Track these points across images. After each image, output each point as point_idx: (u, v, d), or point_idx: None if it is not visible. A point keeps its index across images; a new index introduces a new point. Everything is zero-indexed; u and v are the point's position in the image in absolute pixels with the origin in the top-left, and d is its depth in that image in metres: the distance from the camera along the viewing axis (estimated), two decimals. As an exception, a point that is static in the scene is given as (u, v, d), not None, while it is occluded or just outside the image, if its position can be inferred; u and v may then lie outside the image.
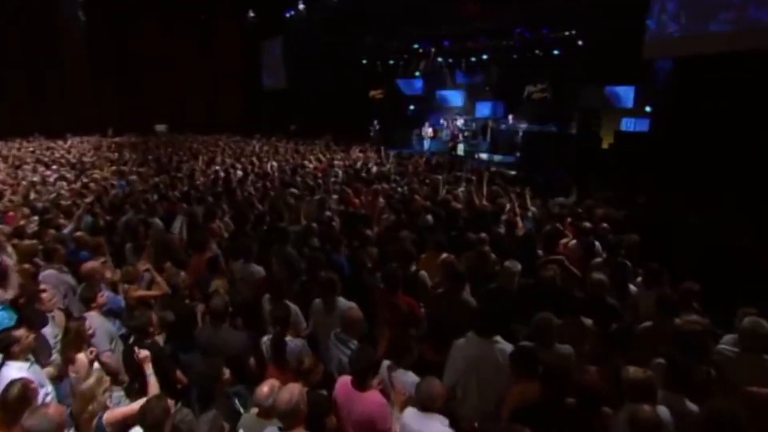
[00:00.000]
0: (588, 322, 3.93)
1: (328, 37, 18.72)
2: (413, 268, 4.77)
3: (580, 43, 15.17)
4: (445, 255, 5.21)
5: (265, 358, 3.48)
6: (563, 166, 12.33)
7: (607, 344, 3.43)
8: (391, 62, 20.70)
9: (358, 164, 11.51)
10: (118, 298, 4.29)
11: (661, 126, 11.64)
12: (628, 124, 14.43)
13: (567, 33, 15.42)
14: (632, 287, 4.70)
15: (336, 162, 11.76)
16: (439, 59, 19.75)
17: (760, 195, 8.17)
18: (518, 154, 15.83)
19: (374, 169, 10.92)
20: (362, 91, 20.95)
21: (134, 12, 22.81)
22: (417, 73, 20.51)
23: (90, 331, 3.23)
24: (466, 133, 17.22)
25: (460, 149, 16.86)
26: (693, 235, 6.64)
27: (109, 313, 4.06)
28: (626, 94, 14.78)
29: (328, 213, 6.96)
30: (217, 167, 11.09)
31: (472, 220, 6.40)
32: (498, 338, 3.35)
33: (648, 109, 13.48)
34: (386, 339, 3.56)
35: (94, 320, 3.58)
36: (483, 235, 5.57)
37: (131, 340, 3.52)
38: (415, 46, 19.17)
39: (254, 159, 12.11)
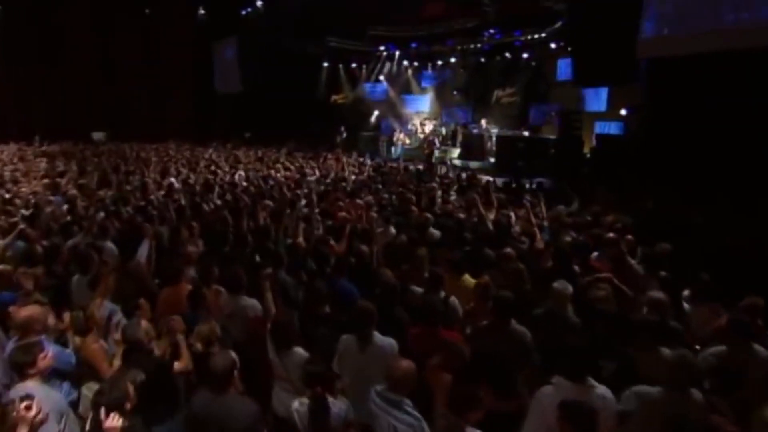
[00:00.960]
0: (667, 353, 3.37)
1: (288, 38, 17.83)
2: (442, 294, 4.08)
3: (552, 45, 15.19)
4: (466, 276, 4.60)
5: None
6: (544, 171, 12.19)
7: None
8: (354, 65, 20.12)
9: (333, 173, 10.70)
10: (66, 353, 3.25)
11: (640, 128, 11.64)
12: (602, 128, 14.53)
13: (538, 36, 15.42)
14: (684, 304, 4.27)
15: (307, 171, 10.90)
16: (405, 62, 19.41)
17: (754, 192, 8.12)
18: (492, 160, 15.63)
19: (352, 178, 10.17)
20: (324, 95, 20.28)
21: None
22: (381, 77, 20.08)
23: (39, 417, 2.27)
24: (437, 139, 16.78)
25: (436, 155, 16.42)
26: (708, 237, 6.39)
27: (55, 374, 3.03)
28: (598, 96, 14.88)
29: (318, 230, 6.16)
30: (172, 179, 9.93)
31: (484, 233, 5.78)
32: (592, 381, 2.72)
33: (623, 112, 13.55)
34: (443, 390, 2.83)
35: (37, 391, 2.58)
36: (508, 250, 4.97)
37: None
38: (381, 48, 18.58)
39: (215, 168, 11.02)
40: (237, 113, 20.36)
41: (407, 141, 18.15)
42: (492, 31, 15.64)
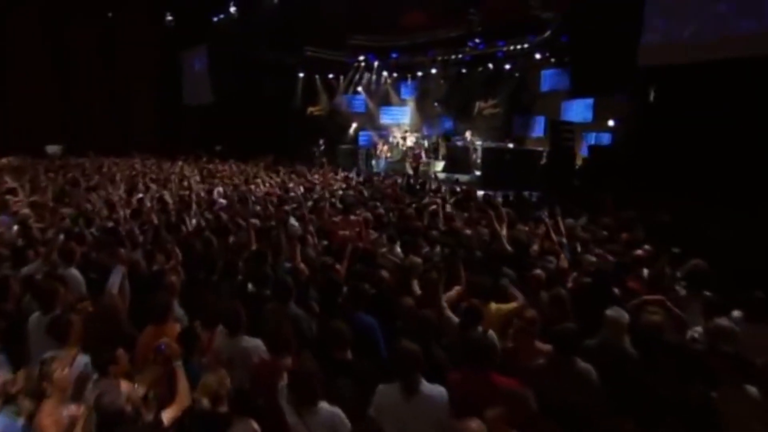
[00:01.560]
0: (753, 392, 2.95)
1: (262, 47, 17.23)
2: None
3: (537, 56, 15.15)
4: (493, 304, 4.10)
5: None
6: (534, 183, 11.95)
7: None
8: (331, 76, 19.69)
9: (318, 187, 10.11)
10: (15, 426, 2.53)
11: (632, 138, 11.56)
12: (589, 139, 14.50)
13: (521, 46, 15.37)
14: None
15: (291, 186, 10.27)
16: (384, 73, 19.10)
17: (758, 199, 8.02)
18: (477, 173, 15.35)
19: (339, 192, 9.60)
20: (300, 107, 19.68)
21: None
22: (359, 89, 19.70)
23: None
24: (423, 152, 16.44)
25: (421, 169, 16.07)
26: (735, 253, 6.13)
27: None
28: (584, 107, 14.89)
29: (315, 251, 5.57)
30: (141, 194, 9.11)
31: (500, 253, 5.31)
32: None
33: (611, 122, 13.54)
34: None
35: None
36: (538, 271, 4.51)
37: None
38: (361, 58, 18.20)
39: (187, 183, 10.24)
40: (207, 126, 19.49)
41: (389, 154, 17.74)
42: (477, 40, 15.46)
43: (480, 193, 10.30)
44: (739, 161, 8.89)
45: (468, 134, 16.36)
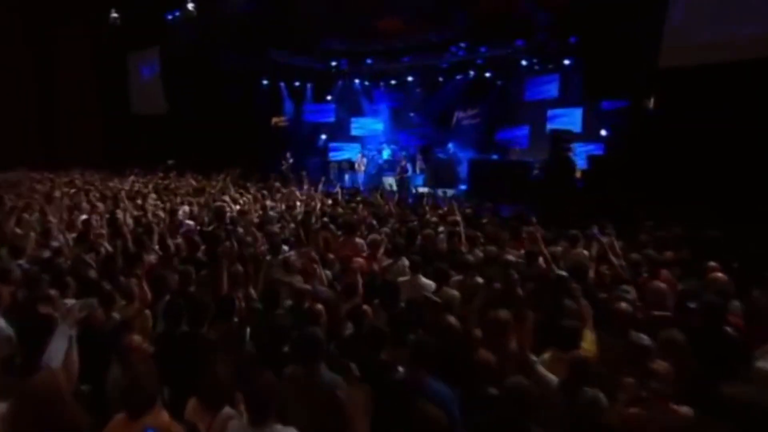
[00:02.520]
0: None
1: (223, 50, 15.95)
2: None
3: (523, 63, 14.76)
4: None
5: None
6: (528, 197, 11.39)
7: None
8: (298, 84, 18.68)
9: (300, 206, 8.97)
10: None
11: (631, 148, 11.18)
12: (578, 151, 14.12)
13: (505, 52, 14.94)
14: None
15: (269, 203, 9.12)
16: (356, 81, 18.31)
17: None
18: (463, 187, 14.76)
19: (328, 211, 8.53)
20: (263, 117, 18.41)
21: None
22: (329, 97, 18.80)
23: None
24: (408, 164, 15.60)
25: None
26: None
27: None
28: (572, 117, 14.55)
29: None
30: (85, 216, 7.68)
31: (559, 283, 4.41)
32: None
33: (603, 132, 13.21)
34: None
35: None
36: (623, 305, 3.64)
37: None
38: (333, 63, 17.31)
39: (143, 202, 8.86)
40: (159, 138, 17.87)
41: (363, 168, 16.79)
42: (462, 45, 14.90)
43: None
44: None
45: (450, 146, 15.72)
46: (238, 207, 9.41)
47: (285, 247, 5.72)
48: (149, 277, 4.27)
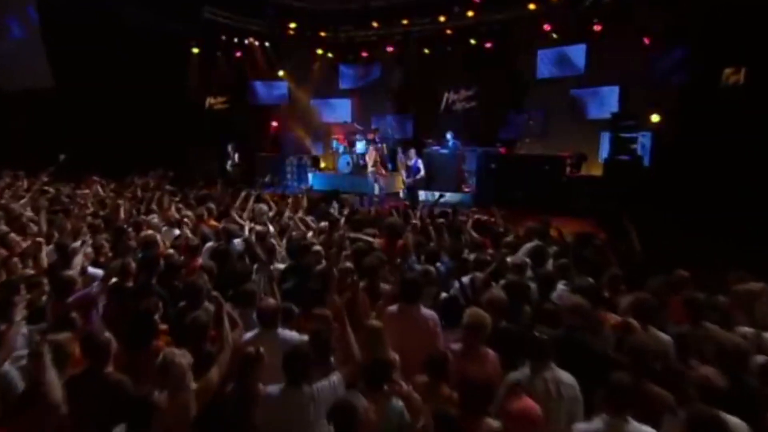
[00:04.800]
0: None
1: (133, 6, 12.70)
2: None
3: (546, 27, 12.44)
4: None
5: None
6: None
7: None
8: (240, 54, 15.85)
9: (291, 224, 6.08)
10: None
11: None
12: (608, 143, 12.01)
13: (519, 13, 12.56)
14: None
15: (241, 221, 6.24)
16: (318, 51, 15.77)
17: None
18: (467, 190, 12.84)
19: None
20: (196, 98, 15.69)
21: None
22: (281, 72, 16.23)
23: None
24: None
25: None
26: None
27: None
28: (604, 99, 12.62)
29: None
30: None
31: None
32: None
33: (655, 117, 11.18)
34: None
35: None
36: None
37: None
38: (290, 26, 14.51)
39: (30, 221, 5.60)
40: (42, 123, 14.07)
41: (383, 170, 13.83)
42: (456, 5, 12.49)
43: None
44: None
45: (449, 136, 13.18)
46: (177, 232, 6.45)
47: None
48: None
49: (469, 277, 4.79)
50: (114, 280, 4.41)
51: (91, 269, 4.89)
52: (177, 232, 6.60)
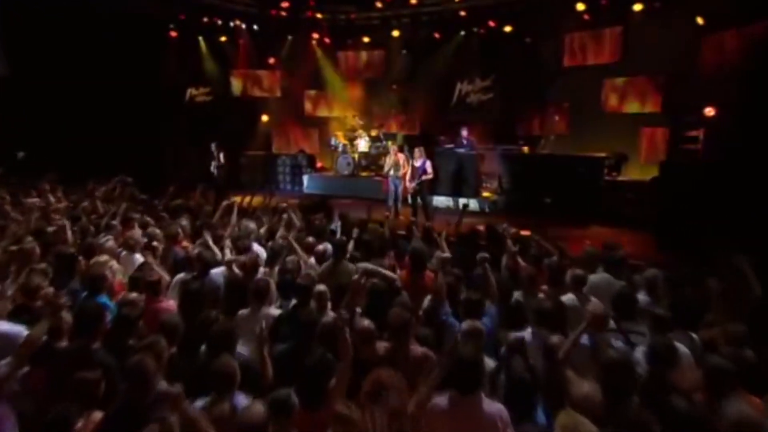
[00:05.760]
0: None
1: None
2: None
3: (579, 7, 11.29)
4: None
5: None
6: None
7: None
8: (225, 38, 15.10)
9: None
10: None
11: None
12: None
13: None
14: None
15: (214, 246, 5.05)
16: (314, 35, 15.09)
17: None
18: (485, 194, 11.77)
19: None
20: (171, 89, 14.80)
21: None
22: (271, 60, 15.49)
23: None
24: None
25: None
26: None
27: None
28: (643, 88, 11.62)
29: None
30: None
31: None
32: None
33: (710, 111, 9.95)
34: None
35: None
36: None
37: None
38: (283, 5, 13.58)
39: None
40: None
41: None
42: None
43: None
44: None
45: (464, 132, 11.97)
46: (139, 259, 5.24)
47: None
48: None
49: (528, 333, 3.56)
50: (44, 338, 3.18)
51: (4, 326, 3.59)
52: (139, 258, 5.30)
